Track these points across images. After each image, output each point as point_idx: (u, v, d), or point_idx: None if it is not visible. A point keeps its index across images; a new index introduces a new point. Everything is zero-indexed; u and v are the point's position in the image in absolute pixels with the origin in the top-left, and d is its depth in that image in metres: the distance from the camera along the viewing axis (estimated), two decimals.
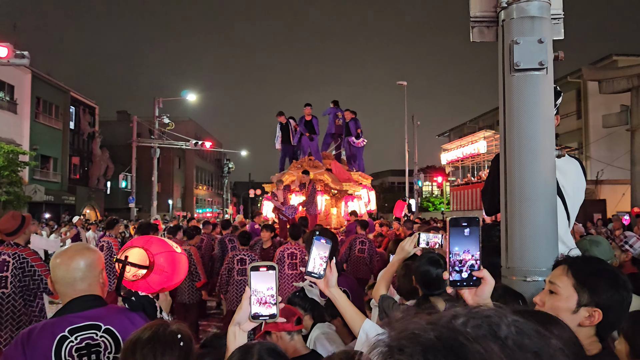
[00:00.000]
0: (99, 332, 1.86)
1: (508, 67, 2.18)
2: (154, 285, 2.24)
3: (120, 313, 1.97)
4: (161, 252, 2.28)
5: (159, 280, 2.24)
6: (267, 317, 1.52)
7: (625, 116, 17.47)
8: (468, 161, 32.49)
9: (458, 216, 1.41)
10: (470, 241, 1.38)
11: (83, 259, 1.94)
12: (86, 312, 1.88)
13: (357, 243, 8.01)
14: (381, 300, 2.63)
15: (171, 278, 2.31)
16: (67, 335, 1.81)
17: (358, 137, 13.46)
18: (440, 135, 43.27)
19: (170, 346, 1.57)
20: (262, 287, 1.52)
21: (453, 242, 1.38)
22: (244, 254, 6.68)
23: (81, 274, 1.93)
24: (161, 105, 24.99)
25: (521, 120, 2.14)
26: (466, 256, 1.37)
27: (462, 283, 1.39)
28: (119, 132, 37.96)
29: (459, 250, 1.38)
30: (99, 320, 1.87)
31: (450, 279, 1.39)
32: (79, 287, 1.92)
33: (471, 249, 1.37)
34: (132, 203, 25.08)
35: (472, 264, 1.38)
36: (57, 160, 32.17)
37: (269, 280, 1.53)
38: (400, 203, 15.64)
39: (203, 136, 45.08)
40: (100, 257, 2.02)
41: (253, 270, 1.53)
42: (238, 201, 63.27)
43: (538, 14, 2.16)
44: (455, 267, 1.38)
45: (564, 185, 2.50)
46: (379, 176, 55.00)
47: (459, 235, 1.37)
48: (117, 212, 36.48)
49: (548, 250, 2.12)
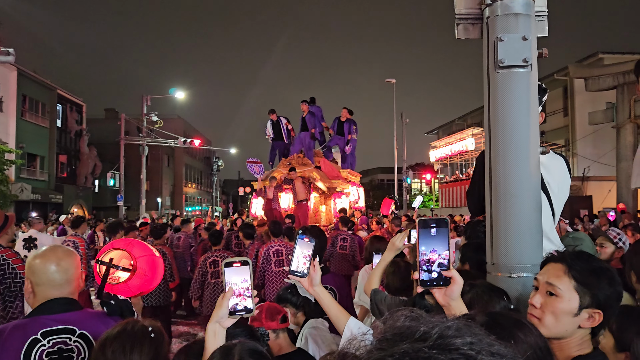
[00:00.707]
0: (72, 337, 1.81)
1: (493, 64, 2.18)
2: (133, 289, 2.19)
3: (95, 318, 1.92)
4: (143, 255, 2.24)
5: (139, 284, 2.19)
6: (243, 312, 1.54)
7: (611, 113, 17.64)
8: (456, 158, 32.67)
9: (427, 218, 1.44)
10: (439, 241, 1.40)
11: (61, 261, 1.90)
12: (61, 315, 1.84)
13: (339, 240, 8.04)
14: (373, 294, 2.64)
15: (150, 282, 2.27)
16: (39, 338, 1.76)
17: (347, 143, 13.46)
18: (428, 133, 43.42)
19: (140, 341, 1.55)
20: (236, 279, 1.55)
21: (422, 242, 1.40)
22: (217, 256, 6.50)
23: (59, 276, 1.88)
24: (149, 103, 24.84)
25: (506, 116, 2.15)
26: (435, 256, 1.40)
27: (432, 282, 1.41)
28: (106, 130, 37.61)
29: (429, 250, 1.40)
30: (74, 325, 1.83)
31: (421, 278, 1.41)
32: (56, 290, 1.88)
33: (440, 249, 1.40)
34: (121, 201, 24.92)
35: (441, 263, 1.40)
36: (44, 159, 31.84)
37: (244, 275, 1.55)
38: (387, 201, 15.72)
39: (192, 134, 44.86)
40: (78, 259, 1.99)
41: (227, 267, 1.55)
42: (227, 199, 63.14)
43: (522, 11, 2.16)
44: (425, 267, 1.40)
45: (548, 181, 2.52)
46: (368, 173, 55.17)
47: (428, 236, 1.40)
48: (105, 211, 36.25)
49: (533, 246, 2.14)
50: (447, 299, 1.44)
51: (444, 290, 1.43)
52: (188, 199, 55.12)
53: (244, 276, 1.55)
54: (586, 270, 1.50)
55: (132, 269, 2.17)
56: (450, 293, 1.43)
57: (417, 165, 49.40)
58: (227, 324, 1.55)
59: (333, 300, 1.89)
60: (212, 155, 55.53)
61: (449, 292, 1.43)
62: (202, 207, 55.80)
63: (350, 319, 1.87)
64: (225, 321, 1.54)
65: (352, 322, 1.86)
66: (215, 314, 1.53)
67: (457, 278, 1.42)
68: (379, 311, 2.59)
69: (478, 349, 0.55)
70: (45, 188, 31.20)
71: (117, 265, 2.16)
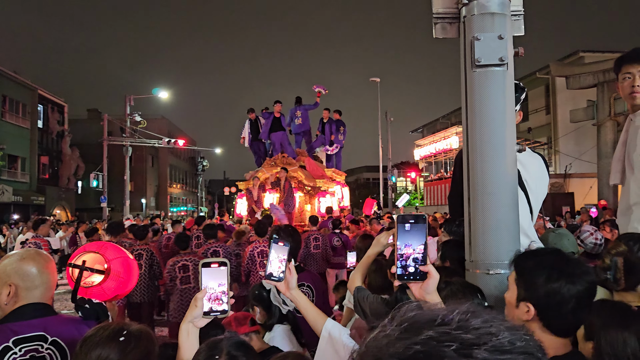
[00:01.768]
0: (45, 344, 1.75)
1: (469, 63, 2.20)
2: (108, 292, 2.15)
3: (69, 323, 1.87)
4: (116, 257, 2.20)
5: (114, 286, 2.15)
6: (218, 313, 1.54)
7: (592, 111, 17.91)
8: (441, 157, 32.88)
9: (405, 214, 1.47)
10: (417, 237, 1.43)
11: (35, 265, 1.85)
12: (34, 321, 1.78)
13: (312, 240, 8.13)
14: (356, 291, 2.64)
15: (126, 284, 2.23)
16: (10, 346, 1.70)
17: (332, 143, 13.47)
18: (413, 132, 43.66)
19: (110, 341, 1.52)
20: (213, 284, 1.54)
21: (400, 237, 1.43)
22: (186, 260, 6.14)
23: (33, 280, 1.83)
24: (132, 103, 24.60)
25: (482, 115, 2.17)
26: (412, 251, 1.42)
27: (409, 277, 1.43)
28: (89, 130, 37.18)
29: (406, 245, 1.42)
30: (46, 331, 1.77)
31: (398, 272, 1.43)
32: (29, 294, 1.82)
33: (417, 244, 1.42)
34: (104, 203, 24.65)
35: (417, 258, 1.42)
36: (25, 160, 31.38)
37: (220, 277, 1.55)
38: (370, 201, 15.80)
39: (176, 134, 44.54)
40: (52, 263, 1.93)
41: (204, 267, 1.55)
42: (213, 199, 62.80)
43: (498, 10, 2.18)
44: (402, 262, 1.43)
45: (526, 179, 2.54)
46: (354, 172, 55.28)
47: (405, 232, 1.42)
48: (88, 212, 35.84)
49: (510, 243, 2.16)
50: (422, 293, 1.46)
51: (420, 285, 1.45)
52: (173, 200, 54.74)
53: (221, 279, 1.55)
54: (528, 265, 1.56)
55: (105, 272, 2.13)
56: (426, 287, 1.45)
57: (402, 163, 49.59)
58: (201, 324, 1.55)
59: (310, 303, 1.91)
60: (197, 155, 55.15)
61: (424, 287, 1.45)
62: (187, 208, 55.45)
63: (327, 320, 1.88)
64: (199, 321, 1.54)
65: (329, 324, 1.87)
66: (190, 313, 1.53)
67: (433, 272, 1.44)
68: (362, 309, 2.59)
69: (497, 326, 0.59)
70: (26, 190, 30.76)
71: (91, 268, 2.11)
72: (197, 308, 1.52)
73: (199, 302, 1.52)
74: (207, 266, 1.55)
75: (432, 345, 0.56)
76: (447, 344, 0.55)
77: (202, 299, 1.52)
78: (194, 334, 1.55)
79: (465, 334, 0.57)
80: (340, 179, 14.13)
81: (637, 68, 2.71)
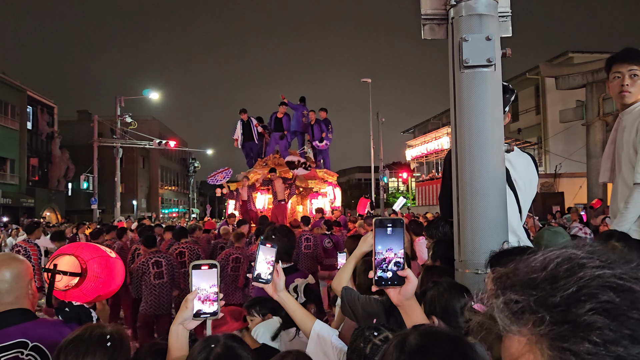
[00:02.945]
0: (25, 351, 1.71)
1: (458, 64, 2.22)
2: (88, 294, 2.10)
3: (50, 327, 1.84)
4: (93, 257, 2.15)
5: (93, 287, 2.11)
6: (209, 315, 1.54)
7: (581, 111, 18.04)
8: (432, 157, 32.99)
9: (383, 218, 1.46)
10: (395, 241, 1.42)
11: (9, 270, 1.80)
12: (12, 328, 1.74)
13: (303, 240, 8.16)
14: (344, 292, 2.64)
15: (107, 284, 2.19)
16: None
17: (322, 140, 13.48)
18: (405, 132, 43.75)
19: (94, 347, 1.50)
20: (204, 285, 1.54)
21: (378, 242, 1.42)
22: (159, 256, 6.44)
23: (7, 285, 1.79)
24: (123, 104, 24.45)
25: (470, 115, 2.19)
26: (390, 255, 1.41)
27: (387, 282, 1.42)
28: (79, 132, 36.95)
29: (384, 249, 1.41)
30: (26, 337, 1.73)
31: (376, 277, 1.42)
32: (5, 300, 1.78)
33: (395, 248, 1.42)
34: (95, 204, 24.46)
35: (396, 262, 1.41)
36: (14, 162, 31.13)
37: (211, 278, 1.55)
38: (363, 200, 15.80)
39: (167, 135, 44.33)
40: (28, 266, 1.89)
41: (195, 269, 1.55)
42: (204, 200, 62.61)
43: (486, 12, 2.20)
44: (380, 266, 1.42)
45: (515, 178, 2.56)
46: (345, 173, 55.29)
47: (384, 236, 1.42)
48: (79, 214, 35.60)
49: (499, 242, 2.16)
50: (400, 299, 1.45)
51: (398, 290, 1.44)
52: (164, 201, 54.49)
53: (212, 280, 1.55)
54: (501, 264, 1.55)
55: (81, 273, 2.09)
56: (404, 292, 1.43)
57: (394, 164, 49.72)
58: (191, 326, 1.55)
59: (298, 305, 1.91)
60: (189, 157, 55.00)
61: (403, 292, 1.43)
62: (179, 209, 55.20)
63: (316, 322, 1.88)
64: (189, 323, 1.54)
65: (318, 325, 1.87)
66: (180, 315, 1.52)
67: (412, 278, 1.43)
68: (351, 310, 2.59)
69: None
70: (16, 192, 30.50)
71: (64, 271, 2.06)
72: (187, 310, 1.51)
73: (190, 303, 1.51)
74: (198, 268, 1.55)
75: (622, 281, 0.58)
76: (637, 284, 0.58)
77: (193, 300, 1.52)
78: (183, 336, 1.54)
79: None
80: (332, 179, 14.14)
81: (626, 68, 2.75)
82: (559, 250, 0.65)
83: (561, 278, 0.60)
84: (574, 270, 0.60)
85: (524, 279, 0.63)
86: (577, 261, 0.61)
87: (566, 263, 0.62)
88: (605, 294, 0.56)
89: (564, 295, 0.58)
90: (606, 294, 0.56)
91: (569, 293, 0.58)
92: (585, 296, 0.57)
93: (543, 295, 0.59)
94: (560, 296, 0.58)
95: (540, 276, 0.61)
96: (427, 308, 1.89)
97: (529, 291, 0.61)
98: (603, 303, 0.56)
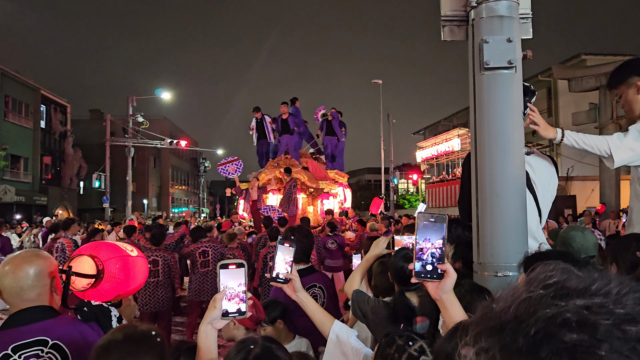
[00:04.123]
0: (45, 348, 1.71)
1: (478, 66, 2.21)
2: (106, 294, 2.11)
3: (70, 325, 1.83)
4: (111, 257, 2.15)
5: (110, 287, 2.10)
6: (237, 314, 1.53)
7: (594, 114, 17.88)
8: (443, 159, 32.84)
9: (427, 213, 1.46)
10: (436, 235, 1.43)
11: (32, 267, 1.80)
12: (33, 326, 1.74)
13: None
14: (355, 295, 2.64)
15: (125, 284, 2.17)
16: (10, 353, 1.66)
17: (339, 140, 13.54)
18: (415, 133, 43.63)
19: (145, 344, 1.49)
20: (232, 284, 1.54)
21: (420, 235, 1.44)
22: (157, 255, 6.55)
23: (30, 282, 1.79)
24: (135, 104, 24.63)
25: (491, 118, 2.18)
26: (431, 249, 1.43)
27: (427, 275, 1.44)
28: (92, 131, 37.21)
29: (425, 243, 1.43)
30: (46, 335, 1.73)
31: (415, 270, 1.44)
32: (27, 297, 1.79)
33: (436, 242, 1.43)
34: (107, 203, 24.66)
35: (436, 256, 1.43)
36: (27, 160, 31.43)
37: (239, 277, 1.55)
38: (377, 200, 15.74)
39: (178, 135, 44.58)
40: (52, 263, 1.90)
41: (222, 268, 1.54)
42: (214, 200, 62.84)
43: (507, 14, 2.19)
44: (420, 259, 1.43)
45: (535, 181, 2.55)
46: (355, 174, 55.24)
47: (425, 229, 1.43)
48: (90, 213, 35.85)
49: (518, 245, 2.16)
50: (439, 293, 1.45)
51: (437, 284, 1.45)
52: (175, 200, 54.75)
53: (240, 279, 1.54)
54: None
55: (97, 275, 2.09)
56: (443, 286, 1.44)
57: (404, 165, 49.61)
58: (220, 326, 1.54)
59: (317, 305, 1.90)
60: (199, 156, 55.25)
61: (441, 286, 1.44)
62: (189, 209, 55.46)
63: (335, 322, 1.87)
64: (217, 322, 1.53)
65: (337, 326, 1.86)
66: (208, 315, 1.52)
67: (451, 272, 1.44)
68: (361, 312, 2.59)
69: None
70: (29, 190, 30.80)
71: (78, 273, 2.04)
72: (216, 309, 1.51)
73: (218, 303, 1.51)
74: (225, 267, 1.54)
75: (584, 315, 0.52)
76: (602, 316, 0.52)
77: (222, 300, 1.51)
78: (212, 335, 1.54)
79: (622, 309, 0.53)
80: (343, 180, 14.14)
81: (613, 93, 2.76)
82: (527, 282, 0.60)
83: (523, 318, 0.55)
84: (534, 304, 0.55)
85: (494, 323, 0.57)
86: (539, 293, 0.56)
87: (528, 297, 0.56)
88: (564, 334, 0.51)
89: (526, 340, 0.53)
90: (564, 334, 0.51)
91: (530, 336, 0.53)
92: (544, 338, 0.52)
93: (508, 340, 0.54)
94: (522, 340, 0.53)
95: (507, 317, 0.56)
96: None
97: (496, 337, 0.56)
98: (562, 344, 0.51)
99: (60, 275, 2.02)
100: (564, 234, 2.84)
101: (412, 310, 2.31)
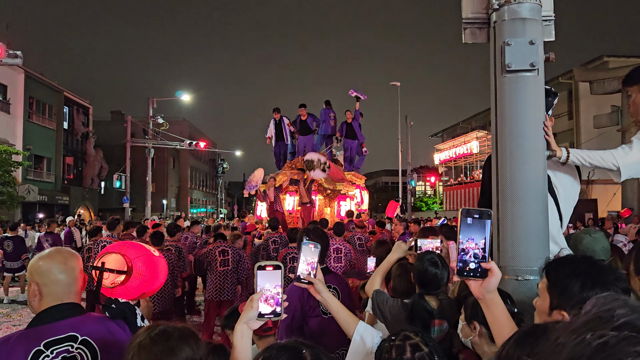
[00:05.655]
0: (75, 344, 1.75)
1: (500, 68, 2.20)
2: (133, 291, 2.16)
3: (98, 322, 1.87)
4: (138, 256, 2.20)
5: (138, 285, 2.15)
6: (272, 315, 1.54)
7: (616, 117, 17.61)
8: (461, 161, 32.62)
9: (470, 208, 1.44)
10: (480, 232, 1.41)
11: (63, 264, 1.85)
12: (63, 322, 1.78)
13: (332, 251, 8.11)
14: (375, 295, 2.65)
15: (151, 282, 2.22)
16: (42, 349, 1.69)
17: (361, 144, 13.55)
18: (433, 136, 43.39)
19: (186, 339, 1.51)
20: (269, 286, 1.55)
21: (463, 232, 1.41)
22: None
23: (75, 276, 1.85)
24: (155, 105, 24.92)
25: (512, 120, 2.17)
26: (471, 245, 1.40)
27: (469, 273, 1.41)
28: (113, 132, 37.76)
29: (468, 239, 1.41)
30: (76, 331, 1.77)
31: (458, 267, 1.42)
32: (74, 291, 1.85)
33: (479, 240, 1.40)
34: (127, 203, 24.99)
35: (478, 253, 1.40)
36: (50, 160, 31.98)
37: (275, 279, 1.55)
38: (393, 203, 15.67)
39: (197, 136, 44.95)
40: (79, 261, 1.94)
41: (259, 270, 1.55)
42: (232, 201, 63.22)
43: (529, 16, 2.18)
44: (463, 257, 1.41)
45: (556, 185, 2.52)
46: (372, 176, 55.09)
47: (469, 227, 1.41)
48: (111, 212, 36.29)
49: (539, 249, 2.15)
50: (482, 291, 1.44)
51: (480, 282, 1.43)
52: (193, 201, 55.20)
53: (276, 281, 1.55)
54: (561, 273, 1.50)
55: (127, 271, 2.14)
56: (486, 285, 1.43)
57: (422, 167, 49.30)
58: (255, 326, 1.55)
59: (342, 306, 1.89)
60: (217, 158, 55.66)
61: (485, 285, 1.43)
62: (207, 209, 55.87)
63: (359, 323, 1.87)
64: (253, 323, 1.54)
65: (361, 327, 1.86)
66: (245, 315, 1.53)
67: (496, 271, 1.42)
68: (381, 312, 2.60)
69: None
70: (51, 189, 31.33)
71: (112, 269, 2.10)
72: (252, 310, 1.52)
73: (255, 303, 1.52)
74: (262, 269, 1.55)
75: None
76: None
77: (258, 300, 1.52)
78: (248, 336, 1.55)
79: None
80: (360, 182, 14.10)
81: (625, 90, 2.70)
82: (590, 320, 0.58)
83: None
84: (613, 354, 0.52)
85: None
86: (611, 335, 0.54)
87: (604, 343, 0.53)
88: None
89: None
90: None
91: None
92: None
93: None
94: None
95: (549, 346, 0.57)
96: (469, 313, 1.88)
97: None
98: None
99: (93, 271, 2.07)
100: (574, 236, 2.81)
101: (430, 313, 2.31)
